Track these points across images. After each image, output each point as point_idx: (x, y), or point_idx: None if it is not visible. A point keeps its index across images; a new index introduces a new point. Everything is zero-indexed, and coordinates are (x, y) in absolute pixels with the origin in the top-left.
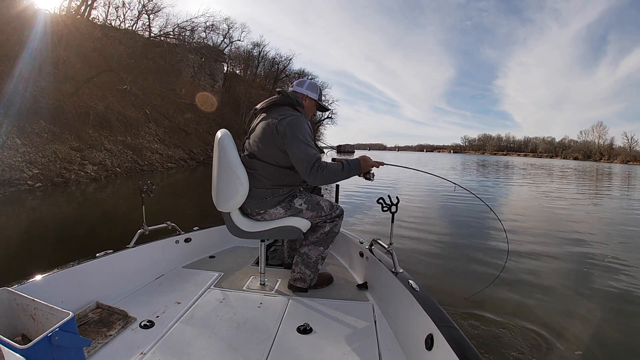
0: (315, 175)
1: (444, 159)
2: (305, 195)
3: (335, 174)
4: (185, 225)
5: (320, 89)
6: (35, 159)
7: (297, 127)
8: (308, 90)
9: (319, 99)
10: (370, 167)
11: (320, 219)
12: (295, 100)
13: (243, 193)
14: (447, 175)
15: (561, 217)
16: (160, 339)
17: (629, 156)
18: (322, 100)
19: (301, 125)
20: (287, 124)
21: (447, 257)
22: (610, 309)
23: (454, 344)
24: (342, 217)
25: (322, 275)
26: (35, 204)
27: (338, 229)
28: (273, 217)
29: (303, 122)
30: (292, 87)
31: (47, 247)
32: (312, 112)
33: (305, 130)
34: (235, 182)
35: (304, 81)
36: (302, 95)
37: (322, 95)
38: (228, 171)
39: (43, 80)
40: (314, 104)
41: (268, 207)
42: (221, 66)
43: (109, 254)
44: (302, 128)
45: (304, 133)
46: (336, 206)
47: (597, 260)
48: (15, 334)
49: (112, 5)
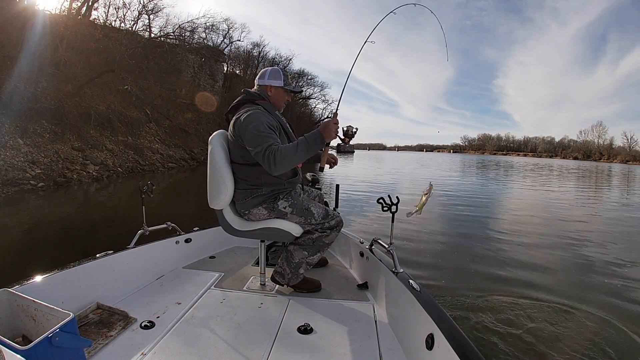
0: (270, 163)
1: (444, 159)
2: (291, 199)
3: (289, 154)
4: (185, 225)
5: (283, 72)
6: (37, 158)
7: (249, 121)
8: (270, 80)
9: (285, 84)
10: (334, 131)
11: (311, 226)
12: (257, 95)
13: (226, 192)
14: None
15: (562, 217)
16: (161, 339)
17: (629, 156)
18: (290, 84)
19: (253, 118)
20: (242, 120)
21: (448, 257)
22: (611, 308)
23: (454, 344)
24: (337, 229)
25: (310, 280)
26: (38, 203)
27: (330, 240)
28: (258, 218)
29: (256, 115)
30: (256, 82)
31: (49, 247)
32: (282, 99)
33: (257, 121)
34: (219, 181)
35: (265, 71)
36: (267, 87)
37: (288, 77)
38: (214, 171)
39: (44, 81)
40: (281, 91)
41: (250, 207)
42: (221, 66)
43: (109, 255)
44: (253, 120)
45: (256, 125)
46: (333, 216)
47: (598, 260)
48: (15, 335)
49: (113, 6)
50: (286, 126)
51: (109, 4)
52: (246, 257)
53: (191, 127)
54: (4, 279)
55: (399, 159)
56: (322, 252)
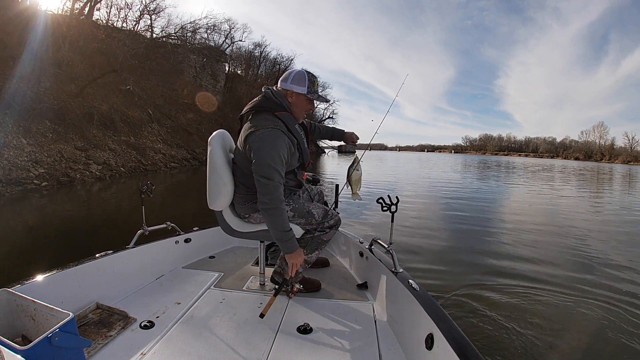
0: (267, 206)
1: (445, 159)
2: (292, 202)
3: (277, 223)
4: (185, 225)
5: (310, 78)
6: (40, 158)
7: (267, 144)
8: (293, 85)
9: (309, 91)
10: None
11: (312, 227)
12: (278, 102)
13: (226, 194)
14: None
15: (563, 217)
16: (160, 339)
17: (630, 156)
18: (314, 92)
19: (273, 143)
20: (258, 138)
21: (448, 257)
22: (612, 308)
23: (454, 344)
24: (335, 228)
25: (310, 280)
26: (41, 203)
27: (328, 237)
28: (258, 221)
29: (276, 139)
30: (278, 83)
31: (51, 247)
32: (303, 107)
33: (276, 150)
34: (218, 182)
35: (290, 73)
36: (287, 92)
37: (314, 85)
38: (213, 172)
39: (47, 81)
40: (303, 99)
41: (250, 212)
42: (223, 66)
43: (108, 255)
44: (272, 148)
45: (271, 154)
46: (332, 215)
47: (599, 260)
48: (15, 335)
49: (115, 6)
50: (302, 142)
51: (111, 4)
52: (246, 257)
53: (193, 127)
54: (6, 278)
55: (399, 160)
56: (319, 249)
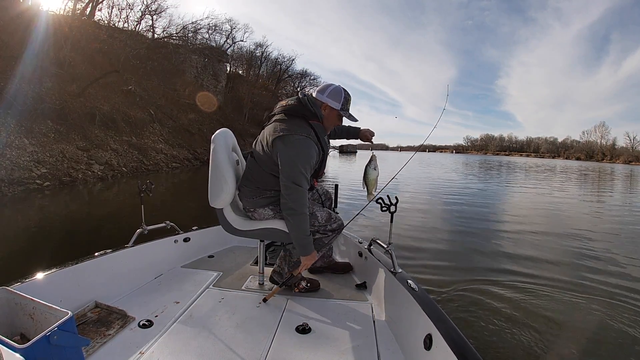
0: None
1: (446, 159)
2: None
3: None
4: (184, 225)
5: (345, 95)
6: (43, 158)
7: (300, 151)
8: (329, 99)
9: (342, 108)
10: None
11: (313, 228)
12: (313, 111)
13: (227, 192)
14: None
15: (564, 217)
16: (159, 338)
17: (631, 156)
18: (347, 110)
19: (305, 150)
20: (291, 143)
21: (447, 257)
22: (612, 308)
23: (452, 344)
24: (338, 232)
25: (310, 280)
26: (43, 202)
27: (329, 241)
28: (262, 217)
29: (308, 147)
30: (313, 92)
31: (53, 246)
32: (333, 122)
33: (307, 156)
34: (220, 180)
35: (327, 86)
36: (322, 104)
37: (347, 103)
38: (215, 170)
39: (49, 81)
40: (335, 114)
41: (257, 206)
42: (224, 67)
43: (107, 254)
44: (304, 154)
45: (304, 160)
46: (335, 219)
47: (601, 259)
48: (14, 334)
49: (117, 7)
50: (327, 151)
51: (113, 4)
52: (245, 256)
53: (195, 128)
54: (8, 277)
55: (401, 160)
56: (321, 251)
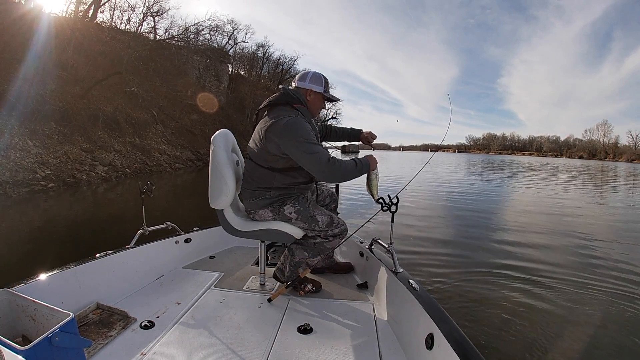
0: (331, 172)
1: (448, 159)
2: (298, 205)
3: (350, 170)
4: (185, 225)
5: (325, 79)
6: (47, 159)
7: (296, 128)
8: (311, 84)
9: (325, 90)
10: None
11: (314, 232)
12: (296, 97)
13: (227, 193)
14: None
15: (566, 217)
16: (161, 339)
17: (634, 154)
18: (328, 92)
19: (299, 125)
20: (284, 126)
21: (448, 257)
22: (613, 308)
23: (454, 343)
24: (340, 237)
25: (312, 281)
26: (48, 204)
27: (331, 246)
28: (262, 219)
29: (301, 122)
30: (295, 83)
31: (56, 247)
32: (319, 106)
33: (305, 130)
34: (220, 181)
35: (307, 74)
36: (306, 90)
37: (328, 85)
38: (215, 171)
39: (52, 83)
40: (319, 98)
41: (257, 207)
42: (226, 67)
43: (108, 255)
44: (301, 128)
45: (304, 133)
46: (338, 224)
47: (602, 260)
48: (15, 335)
49: (119, 9)
50: (318, 137)
51: (115, 6)
52: (246, 257)
53: (197, 128)
54: (12, 278)
55: (403, 160)
56: (322, 255)
